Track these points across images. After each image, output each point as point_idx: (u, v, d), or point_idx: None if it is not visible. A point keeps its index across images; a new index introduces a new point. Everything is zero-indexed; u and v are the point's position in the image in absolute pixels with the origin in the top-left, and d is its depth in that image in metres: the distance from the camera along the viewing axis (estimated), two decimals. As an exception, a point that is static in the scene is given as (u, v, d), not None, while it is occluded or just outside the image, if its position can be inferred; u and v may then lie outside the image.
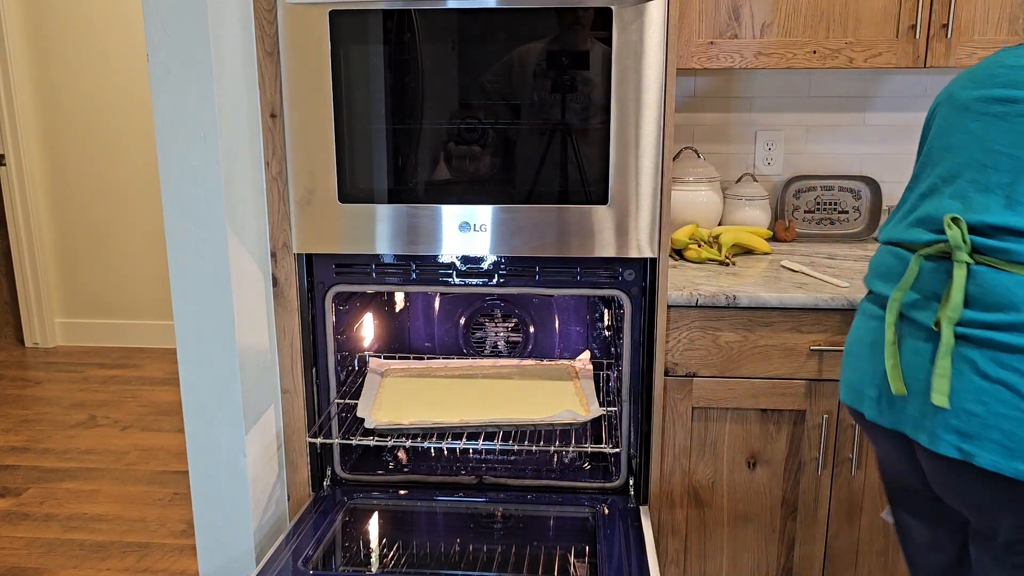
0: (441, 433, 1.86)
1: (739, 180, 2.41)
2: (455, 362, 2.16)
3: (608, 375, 2.12)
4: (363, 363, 2.15)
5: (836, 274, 1.97)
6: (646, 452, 1.91)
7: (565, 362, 2.15)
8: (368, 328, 2.19)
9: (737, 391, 1.86)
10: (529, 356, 2.26)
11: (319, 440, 1.86)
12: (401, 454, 2.13)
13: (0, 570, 2.43)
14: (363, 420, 1.85)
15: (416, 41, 1.70)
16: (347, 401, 1.99)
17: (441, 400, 1.94)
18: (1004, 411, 1.13)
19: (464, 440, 1.83)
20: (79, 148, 4.33)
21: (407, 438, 1.87)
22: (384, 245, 1.80)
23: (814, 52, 1.98)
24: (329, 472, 1.97)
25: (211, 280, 1.69)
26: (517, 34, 1.69)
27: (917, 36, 1.95)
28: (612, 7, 1.63)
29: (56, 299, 4.52)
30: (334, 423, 1.93)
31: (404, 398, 1.95)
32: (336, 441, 1.90)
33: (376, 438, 1.87)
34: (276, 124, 1.76)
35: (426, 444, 1.84)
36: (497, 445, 1.84)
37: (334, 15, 1.68)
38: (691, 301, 1.81)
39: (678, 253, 2.17)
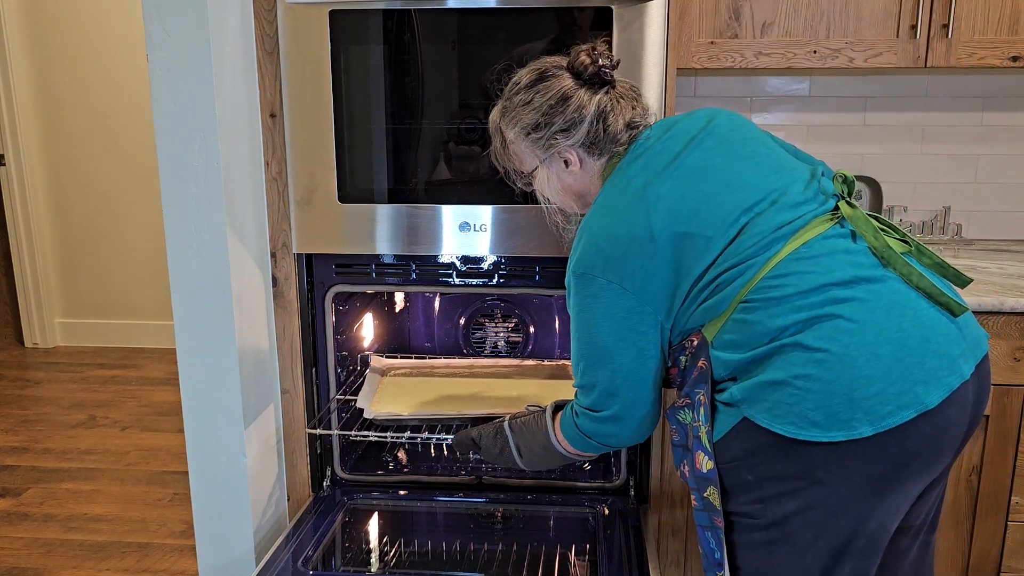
0: (441, 426, 1.86)
1: (739, 180, 2.41)
2: (456, 361, 2.16)
3: (608, 375, 2.11)
4: (363, 363, 2.15)
5: (836, 274, 1.97)
6: (646, 452, 1.91)
7: (565, 362, 2.15)
8: (368, 328, 2.19)
9: (737, 391, 1.85)
10: (529, 356, 2.26)
11: (318, 431, 1.86)
12: (401, 454, 2.13)
13: (0, 570, 2.43)
14: (362, 412, 1.85)
15: (416, 41, 1.70)
16: (347, 397, 1.99)
17: (441, 397, 1.94)
18: None
19: None
20: (79, 148, 4.32)
21: (407, 430, 1.86)
22: (384, 245, 1.80)
23: (814, 52, 1.97)
24: (329, 472, 1.97)
25: (211, 280, 1.68)
26: (517, 34, 1.69)
27: (917, 36, 1.95)
28: (612, 7, 1.63)
29: (56, 299, 4.52)
30: (333, 417, 1.93)
31: (404, 394, 1.95)
32: (335, 432, 1.90)
33: (376, 432, 1.87)
34: (276, 124, 1.76)
35: (426, 435, 1.84)
36: (497, 445, 1.83)
37: (334, 15, 1.68)
38: (691, 301, 1.81)
39: (678, 253, 2.16)
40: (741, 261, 1.21)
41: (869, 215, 1.25)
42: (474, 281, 1.84)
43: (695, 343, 1.28)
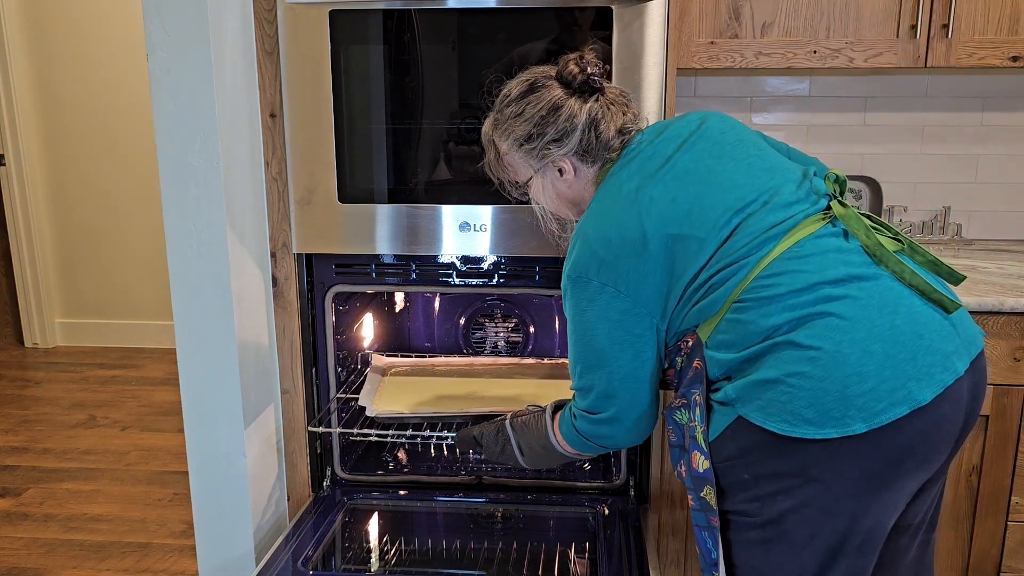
0: (442, 424, 1.86)
1: (739, 180, 2.40)
2: (457, 359, 2.16)
3: (608, 375, 2.11)
4: (364, 363, 2.15)
5: (836, 274, 1.97)
6: (646, 452, 1.91)
7: (565, 360, 2.15)
8: (368, 328, 2.19)
9: (737, 391, 1.85)
10: (529, 356, 2.26)
11: (320, 429, 1.86)
12: (401, 454, 2.13)
13: (0, 570, 2.43)
14: (364, 412, 1.85)
15: (416, 41, 1.70)
16: (348, 396, 1.99)
17: (442, 396, 1.94)
18: None
19: None
20: (79, 148, 4.32)
21: (408, 428, 1.86)
22: (384, 245, 1.80)
23: (814, 52, 1.98)
24: (329, 472, 1.97)
25: (211, 280, 1.68)
26: (517, 34, 1.69)
27: (917, 36, 1.95)
28: (612, 7, 1.63)
29: (56, 299, 4.51)
30: (334, 417, 1.93)
31: (405, 393, 1.95)
32: (336, 430, 1.90)
33: (377, 430, 1.87)
34: (276, 124, 1.76)
35: (427, 433, 1.84)
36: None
37: (334, 15, 1.68)
38: (691, 301, 1.81)
39: (678, 253, 2.16)
40: (734, 261, 1.22)
41: (862, 214, 1.25)
42: (474, 281, 1.84)
43: (690, 344, 1.28)
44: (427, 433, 1.84)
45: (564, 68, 1.37)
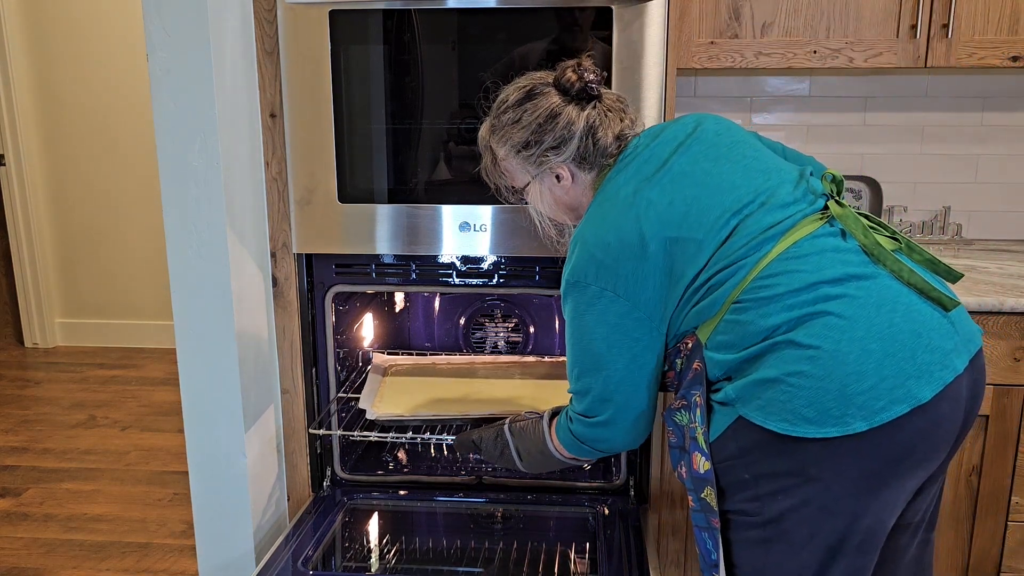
0: (442, 427, 1.86)
1: (739, 180, 2.40)
2: (457, 358, 2.16)
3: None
4: (365, 361, 2.15)
5: (836, 274, 1.97)
6: (646, 452, 1.91)
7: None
8: (368, 328, 2.19)
9: (737, 391, 1.85)
10: (529, 356, 2.26)
11: (320, 432, 1.86)
12: (401, 454, 2.13)
13: (0, 570, 2.43)
14: (364, 413, 1.85)
15: (416, 41, 1.70)
16: (349, 395, 1.99)
17: (442, 398, 1.94)
18: None
19: None
20: (79, 148, 4.32)
21: (408, 430, 1.86)
22: (384, 245, 1.80)
23: (814, 52, 1.97)
24: (329, 472, 1.97)
25: (211, 280, 1.68)
26: (517, 34, 1.69)
27: (917, 36, 1.95)
28: (612, 7, 1.63)
29: (56, 299, 4.51)
30: (334, 419, 1.93)
31: (405, 394, 1.95)
32: (337, 432, 1.90)
33: (377, 432, 1.87)
34: (276, 124, 1.76)
35: (427, 436, 1.84)
36: (497, 445, 1.83)
37: (334, 15, 1.68)
38: (691, 301, 1.81)
39: (678, 253, 2.16)
40: (732, 262, 1.22)
41: (859, 213, 1.25)
42: (474, 281, 1.84)
43: (689, 345, 1.28)
44: (427, 436, 1.84)
45: (562, 75, 1.37)
